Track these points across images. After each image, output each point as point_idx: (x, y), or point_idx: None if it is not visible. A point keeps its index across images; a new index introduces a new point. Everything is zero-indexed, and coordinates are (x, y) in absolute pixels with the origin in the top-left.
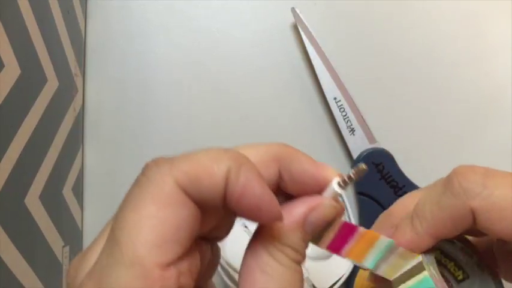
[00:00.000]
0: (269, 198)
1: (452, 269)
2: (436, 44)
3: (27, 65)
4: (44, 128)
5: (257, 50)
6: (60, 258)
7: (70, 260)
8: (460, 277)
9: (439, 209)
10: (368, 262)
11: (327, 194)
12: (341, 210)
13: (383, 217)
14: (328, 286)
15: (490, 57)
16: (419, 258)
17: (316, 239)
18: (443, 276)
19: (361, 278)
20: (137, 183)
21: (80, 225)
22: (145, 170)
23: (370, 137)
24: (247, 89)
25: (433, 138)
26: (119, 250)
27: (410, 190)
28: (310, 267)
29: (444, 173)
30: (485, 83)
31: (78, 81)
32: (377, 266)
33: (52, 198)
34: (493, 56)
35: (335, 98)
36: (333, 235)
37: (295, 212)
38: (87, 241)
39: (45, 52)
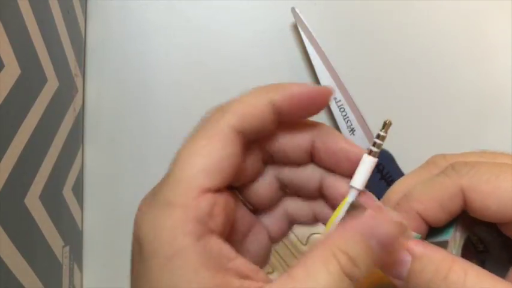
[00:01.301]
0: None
1: (475, 241)
2: (436, 44)
3: (27, 65)
4: (44, 128)
5: (257, 50)
6: (60, 258)
7: (70, 260)
8: (480, 249)
9: (429, 188)
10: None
11: (363, 169)
12: (405, 227)
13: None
14: None
15: (490, 57)
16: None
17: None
18: (466, 245)
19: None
20: (196, 126)
21: (80, 225)
22: (203, 117)
23: (370, 137)
24: (247, 89)
25: (433, 138)
26: (172, 171)
27: None
28: None
29: None
30: (486, 83)
31: (78, 81)
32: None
33: (52, 198)
34: (494, 55)
35: (335, 98)
36: None
37: (361, 222)
38: (87, 241)
39: (45, 52)
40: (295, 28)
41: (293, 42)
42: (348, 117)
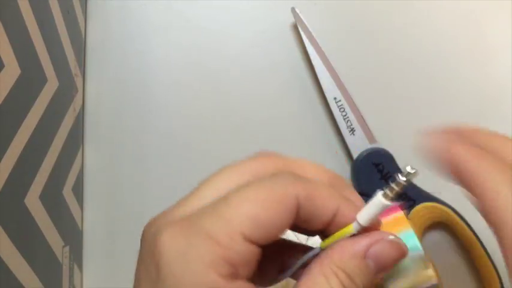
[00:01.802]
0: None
1: None
2: (436, 44)
3: (27, 65)
4: (44, 128)
5: (257, 50)
6: (60, 258)
7: (70, 260)
8: None
9: None
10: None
11: (373, 209)
12: (405, 249)
13: None
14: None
15: (490, 58)
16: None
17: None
18: None
19: None
20: (264, 178)
21: (80, 225)
22: (279, 173)
23: (370, 137)
24: (247, 89)
25: None
26: (225, 207)
27: (410, 190)
28: None
29: None
30: (486, 83)
31: (78, 81)
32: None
33: (52, 198)
34: (494, 56)
35: (335, 98)
36: None
37: (359, 241)
38: (87, 241)
39: (45, 52)
40: (295, 28)
41: (293, 42)
42: (347, 117)
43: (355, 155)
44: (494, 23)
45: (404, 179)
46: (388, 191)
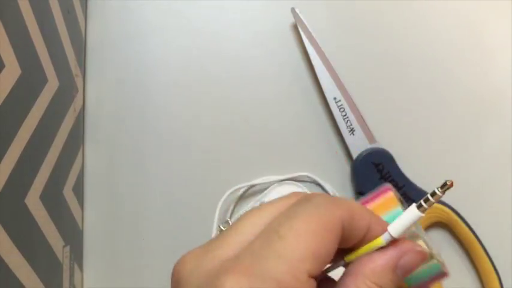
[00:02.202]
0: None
1: None
2: (436, 45)
3: (27, 65)
4: (45, 128)
5: (257, 51)
6: (60, 258)
7: (70, 259)
8: None
9: None
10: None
11: (407, 221)
12: (427, 254)
13: None
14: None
15: (489, 59)
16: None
17: None
18: None
19: None
20: (306, 202)
21: (80, 225)
22: (312, 196)
23: (370, 137)
24: (247, 89)
25: (433, 138)
26: (282, 245)
27: (410, 190)
28: None
29: (443, 172)
30: (485, 84)
31: (79, 81)
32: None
33: (52, 198)
34: (493, 57)
35: (335, 98)
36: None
37: (389, 254)
38: (87, 241)
39: (45, 52)
40: (295, 28)
41: (293, 42)
42: (347, 117)
43: (354, 155)
44: (494, 25)
45: (441, 190)
46: (423, 203)
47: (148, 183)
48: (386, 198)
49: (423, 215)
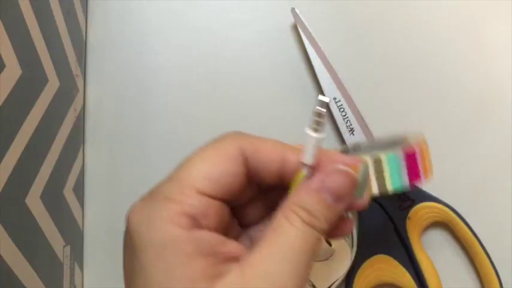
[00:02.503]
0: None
1: None
2: (436, 45)
3: (28, 65)
4: (45, 128)
5: (257, 51)
6: (61, 258)
7: (71, 259)
8: None
9: None
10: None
11: (310, 146)
12: (354, 175)
13: None
14: (328, 286)
15: (490, 59)
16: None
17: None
18: None
19: (361, 278)
20: (211, 141)
21: (80, 225)
22: (226, 133)
23: (370, 137)
24: (247, 89)
25: (432, 139)
26: (173, 174)
27: (410, 190)
28: None
29: (443, 172)
30: (485, 84)
31: (79, 81)
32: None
33: (53, 198)
34: (493, 57)
35: (335, 98)
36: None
37: (312, 180)
38: (88, 241)
39: (46, 52)
40: (295, 28)
41: (293, 42)
42: (347, 117)
43: None
44: (494, 24)
45: (319, 108)
46: (314, 125)
47: (149, 183)
48: None
49: (322, 135)
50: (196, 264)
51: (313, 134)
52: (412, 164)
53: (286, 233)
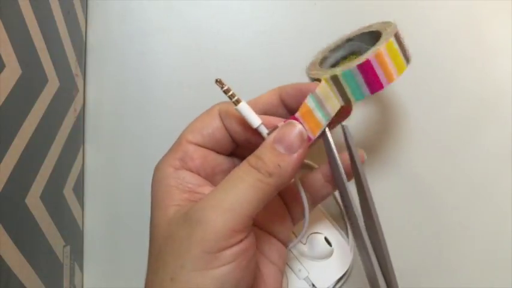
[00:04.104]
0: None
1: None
2: (436, 45)
3: (28, 65)
4: (45, 128)
5: (257, 51)
6: (61, 258)
7: (71, 259)
8: (354, 58)
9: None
10: (323, 120)
11: (244, 112)
12: (298, 125)
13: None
14: (328, 286)
15: (490, 59)
16: (325, 76)
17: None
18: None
19: None
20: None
21: (80, 225)
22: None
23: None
24: (247, 89)
25: (432, 138)
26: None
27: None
28: (310, 266)
29: (443, 171)
30: (485, 84)
31: (79, 81)
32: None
33: (53, 198)
34: (493, 57)
35: None
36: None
37: (269, 136)
38: (87, 241)
39: (46, 52)
40: (295, 28)
41: (293, 42)
42: None
43: None
44: (494, 25)
45: (221, 88)
46: (233, 100)
47: (149, 183)
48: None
49: (242, 101)
50: (174, 195)
51: (240, 105)
52: (369, 73)
53: (233, 172)
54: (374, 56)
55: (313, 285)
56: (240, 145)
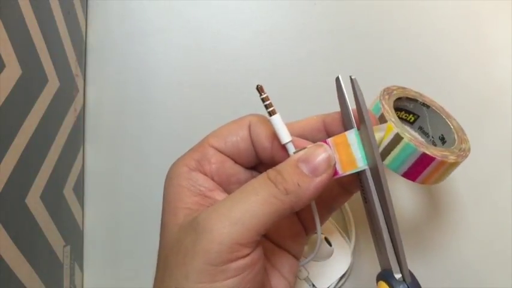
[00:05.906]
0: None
1: (404, 116)
2: (436, 45)
3: (28, 65)
4: (45, 128)
5: (257, 51)
6: (61, 258)
7: (71, 259)
8: (412, 119)
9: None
10: (360, 162)
11: (278, 128)
12: (326, 148)
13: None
14: (328, 286)
15: (490, 58)
16: (395, 130)
17: None
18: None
19: None
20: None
21: (80, 225)
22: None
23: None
24: (247, 89)
25: None
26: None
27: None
28: (310, 267)
29: None
30: (486, 83)
31: (79, 81)
32: (367, 157)
33: (53, 198)
34: (493, 56)
35: None
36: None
37: (295, 155)
38: (87, 241)
39: (46, 52)
40: (295, 28)
41: (293, 42)
42: None
43: None
44: (494, 24)
45: (260, 95)
46: (267, 110)
47: (149, 183)
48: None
49: (276, 116)
50: (185, 197)
51: (274, 117)
52: (420, 165)
53: (249, 182)
54: (441, 160)
55: (313, 285)
56: (263, 161)
